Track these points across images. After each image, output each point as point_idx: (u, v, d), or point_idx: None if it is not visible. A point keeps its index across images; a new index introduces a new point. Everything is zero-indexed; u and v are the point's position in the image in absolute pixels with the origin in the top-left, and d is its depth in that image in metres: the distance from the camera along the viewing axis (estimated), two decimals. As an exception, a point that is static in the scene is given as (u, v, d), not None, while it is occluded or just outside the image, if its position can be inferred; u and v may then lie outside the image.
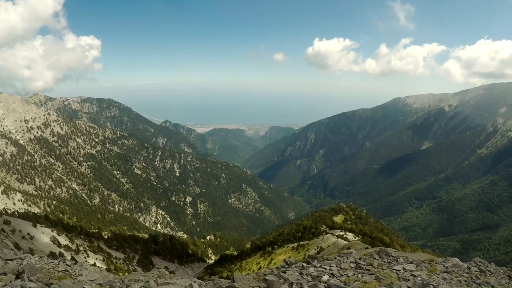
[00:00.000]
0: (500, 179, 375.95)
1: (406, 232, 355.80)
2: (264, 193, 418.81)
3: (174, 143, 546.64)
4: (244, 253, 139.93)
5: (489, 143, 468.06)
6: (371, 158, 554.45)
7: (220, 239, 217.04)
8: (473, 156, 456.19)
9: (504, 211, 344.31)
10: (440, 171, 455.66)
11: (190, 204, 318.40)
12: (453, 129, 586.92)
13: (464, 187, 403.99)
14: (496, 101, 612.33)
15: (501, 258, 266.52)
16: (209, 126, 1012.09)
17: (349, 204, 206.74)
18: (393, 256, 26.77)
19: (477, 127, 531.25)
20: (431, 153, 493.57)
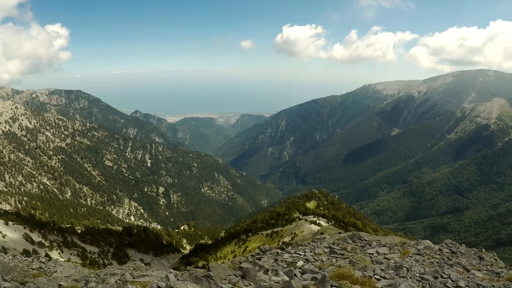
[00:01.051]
0: (469, 163, 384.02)
1: (378, 216, 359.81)
2: (236, 181, 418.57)
3: (144, 134, 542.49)
4: (219, 242, 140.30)
5: (458, 129, 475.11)
6: (342, 144, 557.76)
7: (194, 229, 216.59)
8: (443, 141, 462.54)
9: (473, 194, 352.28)
10: (410, 156, 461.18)
11: (163, 195, 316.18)
12: (422, 115, 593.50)
13: (434, 171, 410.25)
14: (464, 88, 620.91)
15: (471, 239, 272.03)
16: (180, 116, 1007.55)
17: (322, 190, 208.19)
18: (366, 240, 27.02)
19: (446, 113, 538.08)
20: (401, 138, 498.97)
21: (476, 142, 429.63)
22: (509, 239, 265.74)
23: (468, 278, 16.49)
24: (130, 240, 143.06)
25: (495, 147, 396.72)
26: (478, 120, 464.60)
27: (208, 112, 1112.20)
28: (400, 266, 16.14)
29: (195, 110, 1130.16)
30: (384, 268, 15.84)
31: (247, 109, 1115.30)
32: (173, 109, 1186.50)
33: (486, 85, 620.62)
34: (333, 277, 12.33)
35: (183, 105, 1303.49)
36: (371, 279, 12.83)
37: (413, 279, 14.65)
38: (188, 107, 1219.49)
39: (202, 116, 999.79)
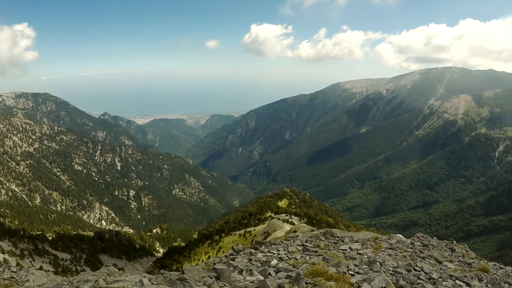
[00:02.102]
0: (437, 158, 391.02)
1: (350, 213, 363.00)
2: (207, 182, 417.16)
3: (114, 136, 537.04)
4: (192, 244, 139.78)
5: (426, 125, 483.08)
6: (312, 142, 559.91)
7: (167, 231, 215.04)
8: (411, 138, 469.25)
9: (443, 188, 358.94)
10: (380, 153, 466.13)
11: (134, 198, 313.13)
12: (391, 112, 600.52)
13: (404, 167, 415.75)
14: (431, 85, 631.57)
15: (442, 232, 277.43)
16: (149, 117, 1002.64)
17: (293, 188, 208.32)
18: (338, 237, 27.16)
19: (414, 109, 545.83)
20: (370, 135, 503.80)
21: (444, 138, 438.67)
22: (479, 231, 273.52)
23: (441, 270, 16.65)
24: (102, 245, 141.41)
25: (463, 142, 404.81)
26: (445, 116, 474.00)
27: (178, 113, 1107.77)
28: (373, 261, 16.21)
29: (165, 111, 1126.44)
30: (358, 264, 15.90)
31: (216, 109, 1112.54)
32: (142, 111, 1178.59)
33: (453, 82, 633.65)
34: (307, 274, 12.33)
35: (152, 106, 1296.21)
36: (345, 275, 12.86)
37: (386, 273, 14.73)
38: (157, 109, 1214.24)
39: (172, 117, 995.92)
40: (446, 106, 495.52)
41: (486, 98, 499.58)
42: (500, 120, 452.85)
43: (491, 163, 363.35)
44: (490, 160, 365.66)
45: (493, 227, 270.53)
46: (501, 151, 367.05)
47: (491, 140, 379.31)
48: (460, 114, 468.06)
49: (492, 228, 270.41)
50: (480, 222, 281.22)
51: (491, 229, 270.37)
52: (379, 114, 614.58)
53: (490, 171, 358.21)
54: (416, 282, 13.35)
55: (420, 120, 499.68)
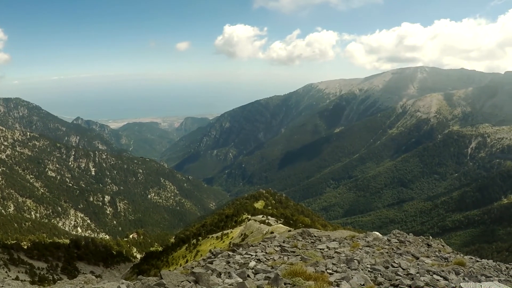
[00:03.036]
0: (411, 156, 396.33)
1: (326, 212, 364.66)
2: (183, 185, 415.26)
3: (87, 141, 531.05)
4: (169, 248, 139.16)
5: (399, 124, 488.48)
6: (287, 143, 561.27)
7: (144, 236, 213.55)
8: (385, 136, 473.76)
9: (417, 185, 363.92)
10: (354, 152, 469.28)
11: (109, 204, 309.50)
12: (364, 112, 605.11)
13: (378, 165, 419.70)
14: (404, 84, 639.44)
15: (418, 228, 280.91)
16: (123, 121, 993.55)
17: (269, 189, 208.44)
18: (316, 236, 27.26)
19: (387, 109, 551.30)
20: (344, 135, 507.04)
21: (417, 136, 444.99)
22: (454, 225, 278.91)
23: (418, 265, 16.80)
24: (78, 253, 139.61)
25: (436, 139, 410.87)
26: (418, 114, 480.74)
27: (151, 117, 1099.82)
28: (351, 259, 16.28)
29: (138, 114, 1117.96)
30: (336, 262, 15.95)
31: (190, 112, 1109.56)
32: (115, 115, 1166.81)
33: (425, 81, 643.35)
34: (286, 275, 12.31)
35: (126, 110, 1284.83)
36: (323, 274, 12.87)
37: (364, 270, 14.79)
38: (130, 112, 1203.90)
39: (145, 120, 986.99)
40: (418, 105, 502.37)
41: (457, 96, 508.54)
42: (472, 118, 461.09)
43: (464, 160, 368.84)
44: (463, 156, 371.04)
45: (467, 222, 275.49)
46: (474, 148, 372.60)
47: (464, 137, 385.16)
48: (433, 113, 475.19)
49: (467, 223, 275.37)
50: (455, 217, 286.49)
51: (466, 223, 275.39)
52: (353, 114, 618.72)
53: (463, 167, 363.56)
54: (394, 278, 13.43)
55: (393, 119, 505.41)
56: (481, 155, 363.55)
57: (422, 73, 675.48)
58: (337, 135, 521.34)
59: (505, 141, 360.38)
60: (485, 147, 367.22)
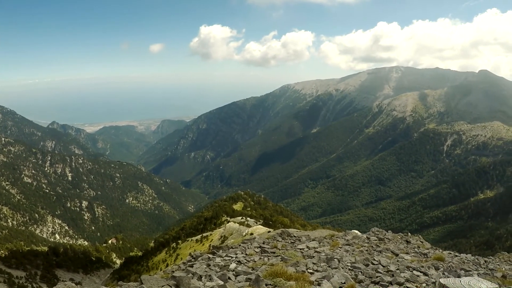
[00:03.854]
0: (388, 154, 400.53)
1: (305, 212, 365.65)
2: (161, 189, 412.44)
3: (63, 146, 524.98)
4: (149, 253, 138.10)
5: (375, 123, 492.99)
6: (264, 144, 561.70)
7: (123, 241, 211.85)
8: (362, 136, 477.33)
9: (394, 183, 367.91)
10: (331, 152, 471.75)
11: (87, 209, 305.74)
12: (341, 112, 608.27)
13: (355, 164, 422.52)
14: (380, 84, 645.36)
15: (396, 225, 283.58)
16: (99, 125, 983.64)
17: (247, 191, 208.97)
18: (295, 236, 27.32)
19: (363, 108, 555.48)
20: (321, 135, 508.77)
21: (393, 135, 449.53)
22: (432, 222, 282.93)
23: (398, 262, 16.91)
24: (57, 260, 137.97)
25: (412, 138, 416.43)
26: (394, 113, 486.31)
27: (128, 120, 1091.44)
28: (331, 258, 16.34)
29: (114, 118, 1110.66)
30: (316, 262, 15.99)
31: (167, 114, 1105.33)
32: (91, 118, 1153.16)
33: (400, 80, 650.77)
34: (267, 276, 12.30)
35: (102, 113, 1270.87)
36: (304, 274, 12.89)
37: (345, 269, 14.85)
38: (106, 116, 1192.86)
39: (122, 124, 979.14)
40: (394, 104, 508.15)
41: (433, 95, 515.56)
42: (447, 116, 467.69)
43: (440, 157, 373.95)
44: (439, 154, 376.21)
45: (445, 218, 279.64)
46: (449, 145, 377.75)
47: (439, 135, 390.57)
48: (408, 111, 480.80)
49: (444, 219, 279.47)
50: (433, 214, 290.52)
51: (444, 219, 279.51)
52: (330, 114, 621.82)
53: (440, 164, 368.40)
54: (375, 275, 13.48)
55: (370, 118, 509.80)
56: (457, 152, 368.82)
57: (398, 73, 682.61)
58: (314, 135, 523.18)
59: (480, 138, 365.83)
60: (460, 144, 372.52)
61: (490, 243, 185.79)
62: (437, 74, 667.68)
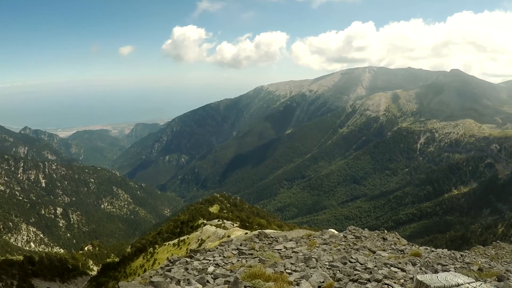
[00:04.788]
0: (362, 153, 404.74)
1: (281, 213, 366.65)
2: (136, 193, 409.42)
3: (36, 152, 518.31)
4: (126, 258, 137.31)
5: (349, 122, 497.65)
6: (239, 146, 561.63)
7: (99, 248, 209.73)
8: (336, 136, 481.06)
9: (369, 181, 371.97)
10: (306, 152, 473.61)
11: (62, 216, 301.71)
12: (315, 112, 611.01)
13: (330, 164, 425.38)
14: (353, 84, 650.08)
15: (373, 223, 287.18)
16: (72, 129, 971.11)
17: (223, 193, 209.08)
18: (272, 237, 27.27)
19: (337, 109, 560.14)
20: (296, 136, 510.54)
21: (367, 134, 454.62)
22: (408, 218, 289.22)
23: (375, 259, 17.01)
24: (33, 269, 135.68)
25: (386, 136, 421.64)
26: (367, 113, 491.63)
27: (101, 124, 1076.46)
28: (309, 258, 16.33)
29: (87, 122, 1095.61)
30: (294, 262, 15.96)
31: (141, 118, 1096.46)
32: (64, 123, 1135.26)
33: (373, 80, 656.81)
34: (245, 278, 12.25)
35: (74, 118, 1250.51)
36: (283, 274, 12.87)
37: (323, 268, 14.86)
38: (79, 120, 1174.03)
39: (95, 128, 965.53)
40: (367, 103, 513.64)
41: (405, 94, 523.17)
42: (420, 115, 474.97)
43: (413, 155, 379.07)
44: (412, 152, 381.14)
45: (420, 214, 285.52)
46: (423, 143, 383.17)
47: (413, 133, 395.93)
48: (382, 111, 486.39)
49: (420, 215, 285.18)
50: (408, 210, 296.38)
51: (419, 215, 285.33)
52: (304, 114, 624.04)
53: (414, 162, 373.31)
54: (353, 273, 13.51)
55: (344, 118, 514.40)
56: (430, 149, 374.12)
57: (370, 73, 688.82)
58: (289, 136, 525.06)
59: (453, 135, 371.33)
60: (433, 142, 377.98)
61: (465, 238, 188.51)
62: (410, 73, 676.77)
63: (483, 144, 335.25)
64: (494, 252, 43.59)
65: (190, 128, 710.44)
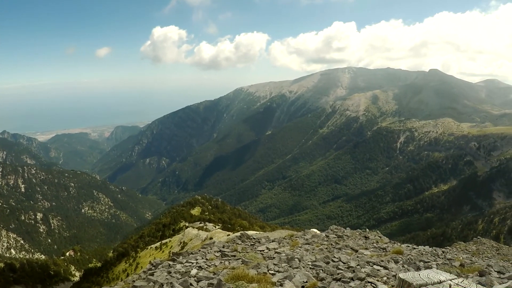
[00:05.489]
0: (343, 153, 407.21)
1: (263, 214, 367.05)
2: (117, 197, 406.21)
3: (15, 156, 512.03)
4: (109, 263, 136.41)
5: (329, 123, 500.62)
6: (220, 148, 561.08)
7: (81, 253, 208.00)
8: (316, 136, 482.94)
9: (350, 180, 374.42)
10: (287, 153, 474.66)
11: (42, 221, 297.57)
12: (295, 113, 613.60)
13: (311, 164, 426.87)
14: (333, 85, 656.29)
15: (354, 222, 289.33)
16: (51, 133, 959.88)
17: (204, 195, 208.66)
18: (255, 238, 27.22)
19: (317, 109, 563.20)
20: (276, 137, 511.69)
21: (347, 134, 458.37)
22: (389, 217, 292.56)
23: (358, 257, 17.07)
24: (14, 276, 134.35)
25: (366, 136, 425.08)
26: (347, 113, 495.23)
27: (81, 127, 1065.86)
28: (292, 258, 16.35)
29: (67, 125, 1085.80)
30: (277, 263, 15.96)
31: (120, 120, 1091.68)
32: (43, 127, 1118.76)
33: (353, 81, 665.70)
34: (228, 279, 12.24)
35: (54, 121, 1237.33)
36: (266, 275, 12.86)
37: (306, 268, 14.89)
38: (58, 123, 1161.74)
39: (75, 131, 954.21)
40: (347, 104, 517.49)
41: (385, 94, 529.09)
42: (399, 114, 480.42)
43: (394, 154, 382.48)
44: (392, 151, 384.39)
45: (402, 212, 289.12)
46: (402, 142, 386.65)
47: (392, 132, 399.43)
48: (361, 111, 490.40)
49: (401, 213, 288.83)
50: (389, 209, 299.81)
51: (400, 213, 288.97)
52: (284, 115, 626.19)
53: (394, 161, 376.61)
54: (336, 272, 13.54)
55: (324, 118, 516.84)
56: (410, 148, 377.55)
57: (350, 73, 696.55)
58: (269, 137, 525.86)
59: (432, 134, 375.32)
60: (413, 141, 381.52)
61: (446, 234, 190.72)
62: (389, 73, 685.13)
63: (462, 143, 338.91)
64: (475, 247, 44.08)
65: (171, 130, 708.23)
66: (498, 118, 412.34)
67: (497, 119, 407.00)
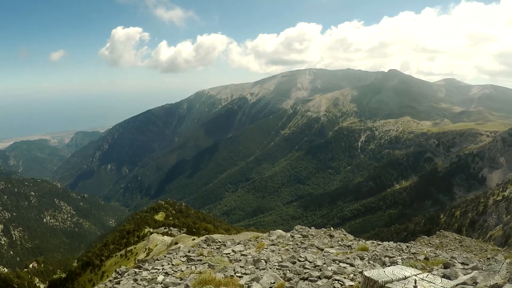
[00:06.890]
0: (305, 153, 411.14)
1: (228, 216, 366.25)
2: (79, 204, 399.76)
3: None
4: (74, 273, 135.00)
5: (291, 124, 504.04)
6: (182, 151, 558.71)
7: (45, 264, 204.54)
8: (278, 137, 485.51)
9: (313, 180, 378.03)
10: (249, 155, 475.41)
11: (3, 233, 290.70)
12: (256, 115, 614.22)
13: (274, 165, 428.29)
14: (293, 86, 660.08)
15: (319, 221, 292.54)
16: (9, 140, 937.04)
17: (168, 200, 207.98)
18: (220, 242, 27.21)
19: (278, 111, 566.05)
20: (238, 139, 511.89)
21: (309, 134, 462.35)
22: (353, 214, 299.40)
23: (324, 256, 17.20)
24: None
25: (327, 136, 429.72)
26: (309, 114, 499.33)
27: (40, 134, 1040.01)
28: (258, 260, 16.42)
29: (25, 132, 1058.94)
30: (244, 265, 16.00)
31: (80, 126, 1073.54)
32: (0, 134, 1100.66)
33: (314, 82, 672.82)
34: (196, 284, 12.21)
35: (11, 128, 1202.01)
36: (233, 278, 12.90)
37: (273, 269, 14.96)
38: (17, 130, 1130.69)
39: (34, 138, 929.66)
40: (308, 105, 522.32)
41: (345, 94, 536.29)
42: (360, 114, 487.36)
43: (355, 153, 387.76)
44: (354, 150, 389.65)
45: (365, 209, 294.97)
46: (363, 141, 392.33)
47: (353, 132, 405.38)
48: (322, 111, 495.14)
49: (364, 210, 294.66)
50: (353, 207, 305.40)
51: (364, 211, 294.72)
52: (245, 118, 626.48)
53: (355, 160, 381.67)
54: (303, 272, 13.63)
55: (285, 120, 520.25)
56: (371, 147, 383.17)
57: (311, 75, 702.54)
58: (231, 139, 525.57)
59: (392, 132, 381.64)
60: (374, 140, 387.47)
61: (410, 229, 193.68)
62: (349, 74, 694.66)
63: (421, 140, 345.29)
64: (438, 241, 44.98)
65: (132, 135, 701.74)
66: (457, 116, 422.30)
67: (455, 117, 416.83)
